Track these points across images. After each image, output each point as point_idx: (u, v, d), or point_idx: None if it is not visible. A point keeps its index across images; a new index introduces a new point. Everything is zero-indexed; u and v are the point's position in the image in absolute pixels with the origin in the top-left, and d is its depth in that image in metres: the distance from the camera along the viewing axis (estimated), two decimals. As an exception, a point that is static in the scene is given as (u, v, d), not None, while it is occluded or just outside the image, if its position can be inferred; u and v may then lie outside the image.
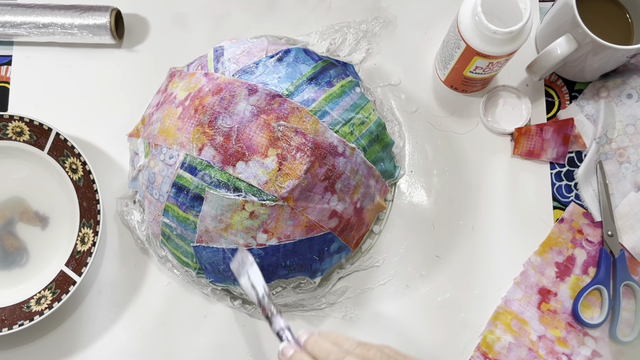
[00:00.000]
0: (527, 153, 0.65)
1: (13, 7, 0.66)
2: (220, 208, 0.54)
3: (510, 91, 0.67)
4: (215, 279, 0.59)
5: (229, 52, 0.60)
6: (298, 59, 0.59)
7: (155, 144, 0.57)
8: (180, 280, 0.63)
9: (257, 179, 0.53)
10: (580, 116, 0.66)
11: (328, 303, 0.62)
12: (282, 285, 0.60)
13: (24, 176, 0.64)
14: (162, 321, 0.62)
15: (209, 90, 0.56)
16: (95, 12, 0.65)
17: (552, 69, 0.61)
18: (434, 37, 0.68)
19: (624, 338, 0.61)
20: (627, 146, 0.65)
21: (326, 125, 0.56)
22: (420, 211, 0.65)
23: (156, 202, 0.57)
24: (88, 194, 0.61)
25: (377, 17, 0.69)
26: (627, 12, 0.64)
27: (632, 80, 0.66)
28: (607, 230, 0.63)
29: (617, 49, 0.58)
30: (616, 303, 0.61)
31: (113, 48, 0.68)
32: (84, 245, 0.61)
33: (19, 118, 0.62)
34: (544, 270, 0.63)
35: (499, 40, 0.56)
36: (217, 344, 0.62)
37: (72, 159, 0.62)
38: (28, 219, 0.63)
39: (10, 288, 0.62)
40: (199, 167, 0.54)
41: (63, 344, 0.61)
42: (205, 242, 0.56)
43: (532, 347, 0.61)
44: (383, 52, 0.68)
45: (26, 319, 0.58)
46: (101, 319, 0.62)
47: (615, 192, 0.64)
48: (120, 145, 0.66)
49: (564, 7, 0.60)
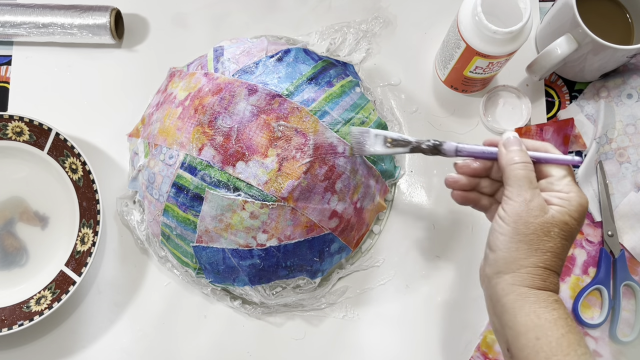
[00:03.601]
0: (527, 153, 0.65)
1: (13, 7, 0.66)
2: (220, 208, 0.54)
3: (511, 91, 0.67)
4: (215, 279, 0.59)
5: (228, 52, 0.60)
6: (298, 59, 0.59)
7: (155, 144, 0.57)
8: (180, 280, 0.63)
9: (257, 179, 0.53)
10: (581, 116, 0.66)
11: (328, 303, 0.62)
12: (282, 286, 0.60)
13: (23, 176, 0.64)
14: (162, 321, 0.62)
15: (209, 90, 0.56)
16: (95, 12, 0.65)
17: (552, 69, 0.61)
18: (434, 37, 0.68)
19: (624, 338, 0.61)
20: (627, 146, 0.65)
21: (326, 125, 0.55)
22: (420, 211, 0.65)
23: (156, 202, 0.57)
24: (88, 194, 0.61)
25: (377, 17, 0.69)
26: (627, 12, 0.64)
27: (632, 80, 0.66)
28: (607, 230, 0.63)
29: (617, 49, 0.58)
30: (616, 303, 0.61)
31: (113, 48, 0.68)
32: (83, 245, 0.60)
33: (18, 118, 0.62)
34: (544, 270, 0.63)
35: (499, 40, 0.56)
36: (217, 344, 0.62)
37: (71, 159, 0.62)
38: (28, 219, 0.63)
39: (10, 288, 0.62)
40: (198, 167, 0.54)
41: (63, 344, 0.61)
42: (205, 242, 0.56)
43: (532, 347, 0.61)
44: (383, 52, 0.68)
45: (26, 319, 0.58)
46: (101, 319, 0.62)
47: (615, 192, 0.64)
48: (120, 145, 0.65)
49: (564, 7, 0.60)
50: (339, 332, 0.62)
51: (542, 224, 0.44)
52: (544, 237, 0.44)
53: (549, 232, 0.44)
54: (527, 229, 0.44)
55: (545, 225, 0.44)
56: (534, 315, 0.43)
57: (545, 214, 0.44)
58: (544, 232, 0.44)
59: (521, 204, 0.44)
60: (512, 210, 0.45)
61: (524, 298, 0.44)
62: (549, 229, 0.44)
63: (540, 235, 0.44)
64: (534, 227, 0.44)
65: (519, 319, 0.43)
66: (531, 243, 0.44)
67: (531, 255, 0.44)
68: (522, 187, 0.45)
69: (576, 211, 0.45)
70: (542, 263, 0.44)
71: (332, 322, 0.62)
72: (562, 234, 0.44)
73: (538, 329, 0.43)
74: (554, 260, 0.44)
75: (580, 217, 0.45)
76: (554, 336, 0.42)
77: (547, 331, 0.42)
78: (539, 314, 0.43)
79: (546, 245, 0.44)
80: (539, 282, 0.44)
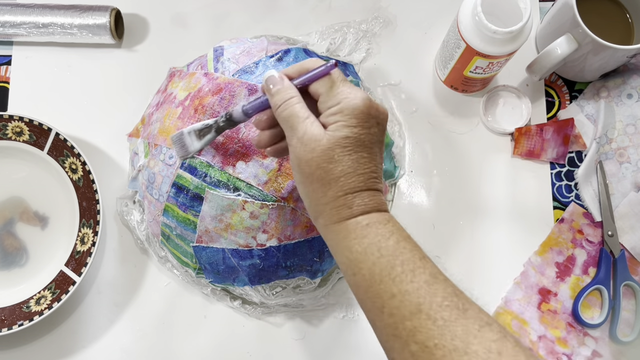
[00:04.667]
0: (527, 153, 0.65)
1: (13, 7, 0.66)
2: (220, 208, 0.54)
3: (511, 91, 0.67)
4: (215, 279, 0.59)
5: (228, 52, 0.60)
6: (298, 59, 0.59)
7: (155, 144, 0.57)
8: (180, 281, 0.63)
9: (257, 179, 0.53)
10: (581, 116, 0.66)
11: (328, 303, 0.62)
12: (282, 286, 0.60)
13: (23, 176, 0.64)
14: (162, 321, 0.62)
15: (209, 90, 0.56)
16: (95, 12, 0.65)
17: (552, 69, 0.61)
18: (434, 37, 0.68)
19: (624, 338, 0.61)
20: (627, 146, 0.65)
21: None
22: (420, 211, 0.65)
23: (156, 202, 0.57)
24: (88, 194, 0.61)
25: (377, 17, 0.69)
26: (627, 12, 0.64)
27: (632, 80, 0.66)
28: (607, 230, 0.63)
29: (617, 49, 0.58)
30: (616, 303, 0.61)
31: (113, 48, 0.68)
32: (83, 245, 0.60)
33: (18, 118, 0.62)
34: (544, 270, 0.63)
35: (499, 40, 0.56)
36: (217, 344, 0.62)
37: (71, 159, 0.62)
38: (28, 219, 0.63)
39: (10, 288, 0.62)
40: (198, 167, 0.54)
41: (63, 344, 0.61)
42: (205, 242, 0.56)
43: (532, 347, 0.61)
44: (383, 52, 0.68)
45: (26, 319, 0.58)
46: (101, 319, 0.62)
47: (615, 192, 0.64)
48: (120, 145, 0.65)
49: (564, 7, 0.60)
50: (339, 332, 0.62)
51: (322, 152, 0.40)
52: (329, 166, 0.40)
53: (331, 157, 0.40)
54: (309, 167, 0.40)
55: (326, 152, 0.40)
56: (348, 251, 0.40)
57: (320, 142, 0.40)
58: (327, 160, 0.40)
59: (296, 145, 0.40)
60: (292, 155, 0.41)
61: (336, 236, 0.41)
62: (330, 154, 0.40)
63: (325, 166, 0.40)
64: (316, 162, 0.40)
65: (338, 258, 0.41)
66: (320, 179, 0.40)
67: (326, 190, 0.40)
68: (292, 127, 0.41)
69: (352, 117, 0.40)
70: (339, 191, 0.40)
71: (332, 322, 0.62)
72: (347, 150, 0.40)
73: (352, 264, 0.40)
74: (351, 181, 0.40)
75: (361, 119, 0.40)
76: (365, 267, 0.39)
77: (359, 264, 0.39)
78: (351, 248, 0.40)
79: (334, 172, 0.40)
80: (346, 212, 0.40)
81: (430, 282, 0.39)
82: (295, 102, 0.41)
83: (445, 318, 0.37)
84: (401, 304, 0.38)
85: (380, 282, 0.39)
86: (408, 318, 0.38)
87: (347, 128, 0.40)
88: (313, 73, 0.42)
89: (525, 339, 0.61)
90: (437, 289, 0.38)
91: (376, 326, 0.40)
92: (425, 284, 0.38)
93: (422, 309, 0.37)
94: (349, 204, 0.40)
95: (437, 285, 0.39)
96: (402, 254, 0.40)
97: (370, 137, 0.41)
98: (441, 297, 0.38)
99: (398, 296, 0.38)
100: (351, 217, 0.41)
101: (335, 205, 0.41)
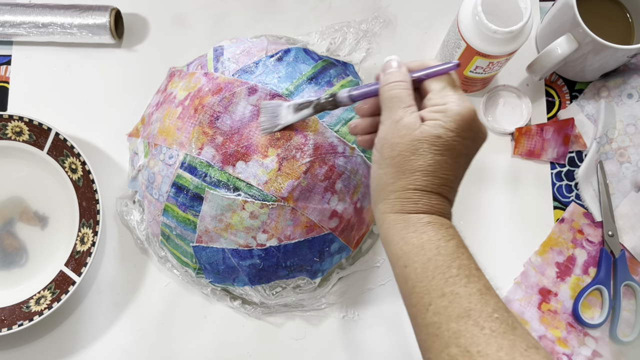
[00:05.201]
0: (528, 153, 0.65)
1: (12, 7, 0.65)
2: (220, 208, 0.54)
3: (511, 91, 0.67)
4: (215, 279, 0.59)
5: (228, 52, 0.59)
6: (298, 59, 0.59)
7: (155, 144, 0.57)
8: (180, 281, 0.63)
9: (257, 178, 0.53)
10: (581, 116, 0.66)
11: (328, 303, 0.62)
12: (282, 286, 0.60)
13: (23, 176, 0.64)
14: (162, 321, 0.62)
15: (209, 90, 0.56)
16: (94, 11, 0.65)
17: (552, 68, 0.61)
18: (434, 37, 0.68)
19: (624, 338, 0.61)
20: (628, 146, 0.65)
21: (326, 125, 0.55)
22: (420, 211, 0.65)
23: (156, 202, 0.57)
24: (87, 193, 0.61)
25: (377, 17, 0.69)
26: (627, 11, 0.64)
27: (632, 80, 0.66)
28: (607, 230, 0.63)
29: (618, 49, 0.58)
30: (617, 303, 0.61)
31: (113, 48, 0.68)
32: (83, 245, 0.60)
33: (18, 118, 0.62)
34: (545, 270, 0.63)
35: (499, 40, 0.56)
36: (217, 344, 0.62)
37: (71, 158, 0.62)
38: (27, 219, 0.63)
39: (10, 288, 0.62)
40: (198, 167, 0.54)
41: (63, 344, 0.61)
42: (205, 242, 0.56)
43: (533, 347, 0.61)
44: (383, 52, 0.68)
45: (26, 319, 0.58)
46: (101, 319, 0.62)
47: (615, 192, 0.64)
48: (120, 145, 0.65)
49: (564, 7, 0.60)
50: (339, 332, 0.62)
51: (410, 142, 0.40)
52: (411, 157, 0.40)
53: (417, 149, 0.40)
54: (392, 151, 0.40)
55: (413, 143, 0.40)
56: (402, 242, 0.40)
57: (412, 131, 0.40)
58: (411, 150, 0.40)
59: (389, 126, 0.41)
60: (381, 134, 0.41)
61: (393, 226, 0.41)
62: (417, 146, 0.39)
63: (407, 156, 0.40)
64: (401, 148, 0.40)
65: (391, 249, 0.41)
66: (398, 166, 0.40)
67: (399, 178, 0.40)
68: (392, 108, 0.41)
69: (453, 121, 0.40)
70: (411, 185, 0.40)
71: (332, 322, 0.62)
72: (434, 148, 0.40)
73: (406, 256, 0.39)
74: (426, 180, 0.40)
75: (460, 127, 0.40)
76: (420, 262, 0.39)
77: (413, 257, 0.39)
78: (407, 240, 0.40)
79: (414, 164, 0.40)
80: (410, 206, 0.40)
81: (483, 292, 0.38)
82: (404, 86, 0.41)
83: (493, 329, 0.36)
84: (450, 304, 0.37)
85: (432, 278, 0.38)
86: (454, 320, 0.37)
87: (443, 129, 0.40)
88: (435, 69, 0.42)
89: (526, 339, 0.61)
90: (489, 300, 0.38)
91: (417, 323, 0.39)
92: (478, 292, 0.38)
93: (471, 314, 0.37)
94: (416, 199, 0.40)
95: (490, 297, 0.38)
96: (460, 259, 0.39)
97: (462, 148, 0.41)
98: (492, 309, 0.37)
99: (448, 296, 0.37)
100: (414, 212, 0.40)
101: (402, 196, 0.40)
